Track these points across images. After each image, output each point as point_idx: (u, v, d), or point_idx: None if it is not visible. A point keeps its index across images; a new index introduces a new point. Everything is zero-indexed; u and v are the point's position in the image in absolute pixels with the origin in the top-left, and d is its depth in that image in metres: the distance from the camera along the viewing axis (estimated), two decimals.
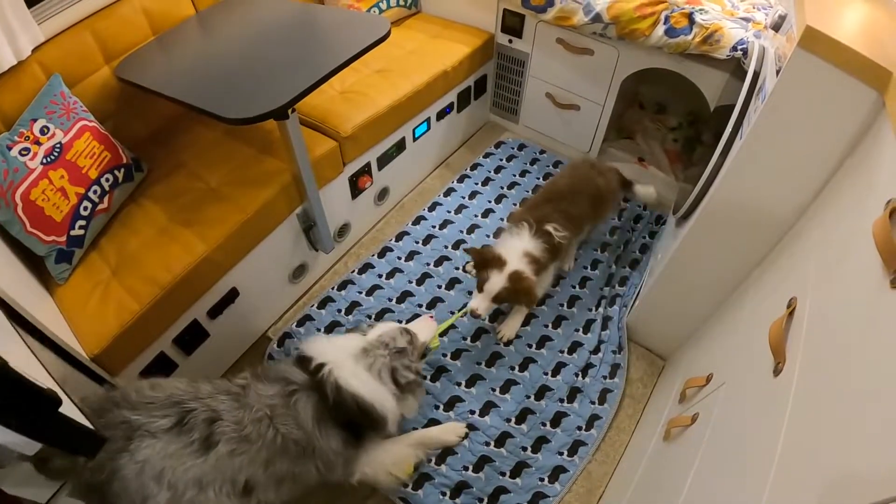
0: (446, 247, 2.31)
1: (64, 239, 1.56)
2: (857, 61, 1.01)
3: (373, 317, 2.07)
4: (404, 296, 2.15)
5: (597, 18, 2.08)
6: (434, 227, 2.41)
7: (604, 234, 2.37)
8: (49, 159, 1.54)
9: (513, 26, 2.46)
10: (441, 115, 2.51)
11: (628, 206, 2.49)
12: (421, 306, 2.11)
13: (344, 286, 2.19)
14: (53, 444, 0.83)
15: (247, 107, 1.45)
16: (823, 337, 0.85)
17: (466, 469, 1.70)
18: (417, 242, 2.35)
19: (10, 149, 1.48)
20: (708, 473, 1.01)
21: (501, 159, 2.73)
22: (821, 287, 0.94)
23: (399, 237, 2.37)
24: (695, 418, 1.22)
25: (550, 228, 1.85)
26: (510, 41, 2.53)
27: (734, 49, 1.83)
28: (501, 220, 2.42)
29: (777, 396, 0.87)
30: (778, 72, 1.18)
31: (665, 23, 1.96)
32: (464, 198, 2.54)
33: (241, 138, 2.00)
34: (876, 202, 0.83)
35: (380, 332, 1.57)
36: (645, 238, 2.38)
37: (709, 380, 1.28)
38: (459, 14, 2.63)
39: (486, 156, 2.75)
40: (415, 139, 2.42)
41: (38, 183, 1.50)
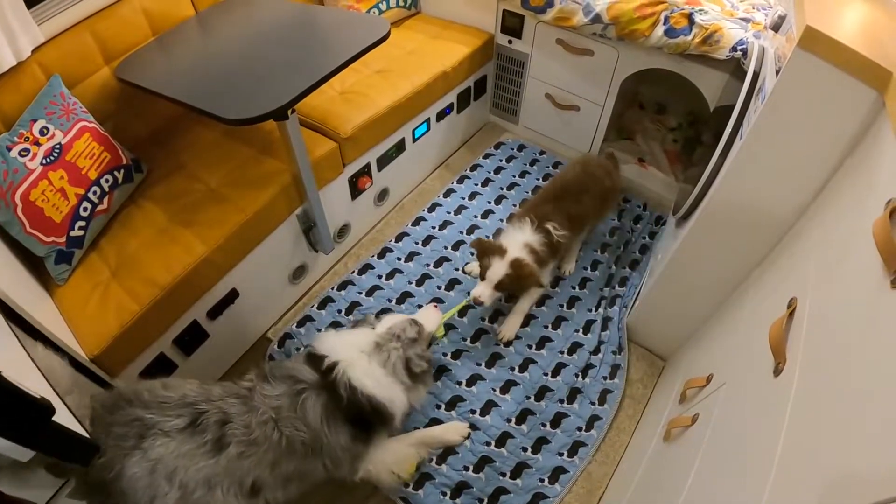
0: (446, 247, 2.31)
1: (63, 240, 1.56)
2: (857, 61, 1.01)
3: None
4: (404, 296, 2.15)
5: (596, 19, 2.08)
6: (434, 227, 2.41)
7: (604, 234, 2.37)
8: (49, 160, 1.54)
9: (512, 27, 2.46)
10: (441, 115, 2.51)
11: (628, 207, 2.49)
12: (421, 307, 2.09)
13: (344, 287, 2.19)
14: (46, 452, 0.83)
15: (247, 107, 1.45)
16: (824, 337, 0.85)
17: (467, 469, 1.70)
18: (417, 243, 2.35)
19: (9, 149, 1.48)
20: (708, 474, 1.01)
21: (501, 160, 2.73)
22: (821, 287, 0.94)
23: (399, 238, 2.37)
24: (695, 419, 1.22)
25: (550, 227, 1.88)
26: (510, 42, 2.53)
27: (734, 49, 1.83)
28: (501, 220, 2.42)
29: (777, 397, 0.87)
30: (778, 72, 1.18)
31: (665, 23, 1.96)
32: (463, 199, 2.54)
33: (240, 139, 2.00)
34: (876, 202, 0.83)
35: (390, 325, 1.59)
36: (645, 239, 2.38)
37: (709, 380, 1.28)
38: (459, 15, 2.63)
39: (486, 157, 2.75)
40: (414, 140, 2.42)
41: (37, 184, 1.50)
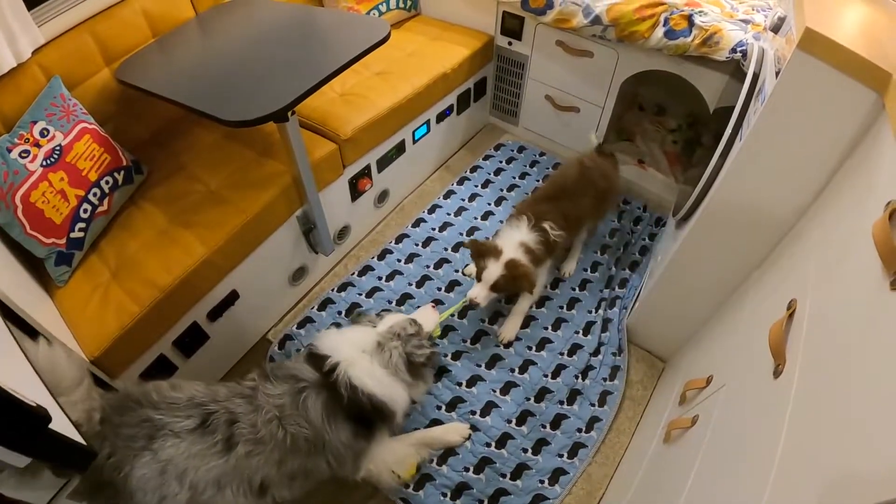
0: (446, 249, 2.31)
1: (64, 241, 1.56)
2: (857, 63, 1.01)
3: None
4: (404, 298, 2.15)
5: (596, 21, 2.09)
6: (434, 229, 2.41)
7: (604, 236, 2.37)
8: (49, 161, 1.54)
9: (512, 28, 2.46)
10: (441, 117, 2.51)
11: (628, 209, 2.49)
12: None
13: (344, 288, 2.19)
14: (42, 459, 0.83)
15: (247, 109, 1.45)
16: (823, 338, 0.85)
17: (467, 470, 1.70)
18: (417, 245, 2.35)
19: (9, 151, 1.48)
20: (708, 475, 1.01)
21: (501, 161, 2.73)
22: (821, 288, 0.94)
23: (399, 239, 2.37)
24: (695, 420, 1.22)
25: (547, 226, 1.88)
26: (510, 43, 2.53)
27: (733, 51, 1.84)
28: (501, 222, 2.42)
29: (777, 398, 0.87)
30: (777, 73, 1.18)
31: (664, 25, 1.96)
32: (463, 200, 2.54)
33: (240, 141, 2.00)
34: (876, 203, 0.83)
35: (391, 324, 1.60)
36: (645, 240, 2.38)
37: (709, 382, 1.28)
38: (459, 16, 2.63)
39: (486, 158, 2.75)
40: (414, 141, 2.42)
41: (37, 185, 1.50)
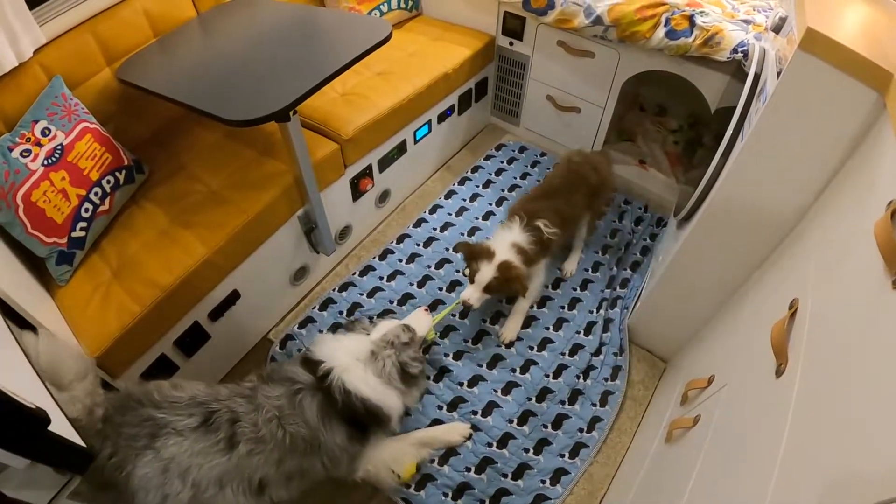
0: (447, 249, 2.31)
1: (65, 241, 1.56)
2: (858, 63, 1.01)
3: (374, 319, 2.06)
4: (405, 298, 2.15)
5: (598, 21, 2.09)
6: (435, 229, 2.41)
7: (605, 236, 2.37)
8: (50, 161, 1.54)
9: (514, 29, 2.46)
10: (442, 117, 2.51)
11: (629, 209, 2.48)
12: (429, 308, 2.09)
13: (345, 288, 2.19)
14: (41, 461, 0.83)
15: (248, 109, 1.45)
16: (825, 338, 0.85)
17: (469, 470, 1.69)
18: (418, 245, 2.35)
19: (11, 150, 1.48)
20: (710, 475, 1.01)
21: (502, 162, 2.73)
22: (822, 288, 0.94)
23: (400, 239, 2.37)
24: (696, 420, 1.22)
25: (540, 224, 1.87)
26: (511, 44, 2.53)
27: (735, 51, 1.84)
28: (502, 222, 2.42)
29: (779, 398, 0.87)
30: (779, 74, 1.18)
31: (666, 25, 1.96)
32: (465, 200, 2.54)
33: (242, 140, 2.00)
34: (877, 203, 0.83)
35: (384, 332, 1.61)
36: (646, 240, 2.38)
37: (710, 381, 1.28)
38: (460, 16, 2.64)
39: (487, 158, 2.75)
40: (416, 142, 2.42)
41: (39, 184, 1.50)
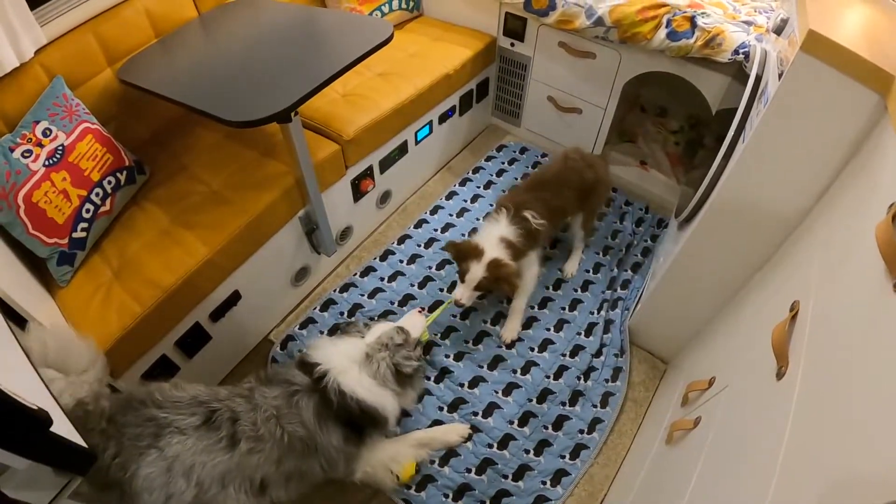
0: None
1: (66, 241, 1.56)
2: (860, 65, 1.01)
3: (375, 319, 2.07)
4: (406, 299, 2.15)
5: (599, 22, 2.09)
6: (436, 230, 2.41)
7: (605, 237, 2.37)
8: (51, 161, 1.54)
9: (515, 30, 2.46)
10: (443, 118, 2.51)
11: (630, 210, 2.48)
12: (423, 309, 2.09)
13: (346, 289, 2.19)
14: (43, 461, 0.83)
15: (250, 110, 1.46)
16: (826, 340, 0.84)
17: (469, 471, 1.69)
18: (419, 245, 2.35)
19: (12, 151, 1.48)
20: (711, 477, 1.01)
21: (503, 162, 2.73)
22: (823, 290, 0.94)
23: (401, 240, 2.37)
24: (697, 422, 1.22)
25: (528, 215, 1.86)
26: (512, 45, 2.53)
27: (736, 52, 1.83)
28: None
29: (780, 400, 0.87)
30: (780, 75, 1.18)
31: (667, 26, 1.96)
32: (466, 201, 2.54)
33: (243, 141, 2.00)
34: (878, 205, 0.83)
35: (378, 335, 1.62)
36: (647, 241, 2.38)
37: (711, 383, 1.28)
38: (461, 17, 2.64)
39: (488, 159, 2.75)
40: (417, 142, 2.42)
41: (40, 185, 1.50)
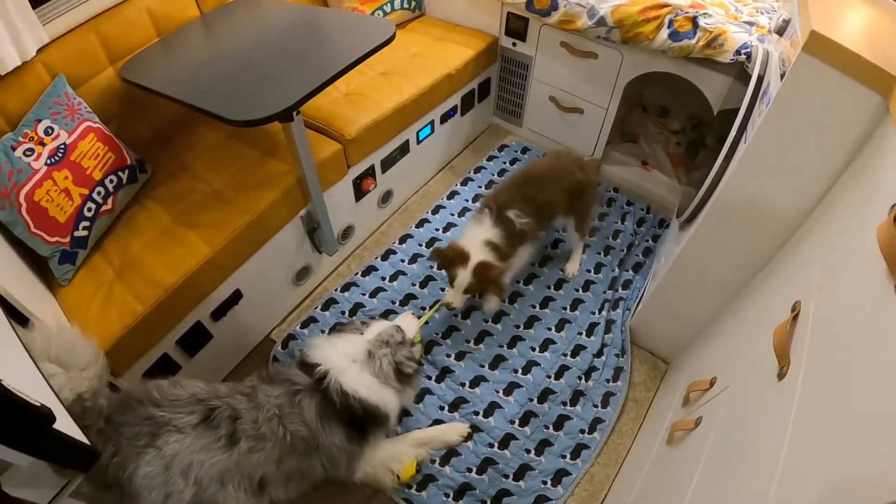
0: None
1: (68, 240, 1.56)
2: (862, 66, 1.01)
3: (373, 317, 2.06)
4: (407, 298, 2.15)
5: (601, 22, 2.08)
6: (437, 229, 2.41)
7: (607, 237, 2.37)
8: (53, 160, 1.54)
9: (517, 29, 2.46)
10: (445, 118, 2.51)
11: (631, 210, 2.48)
12: (424, 309, 2.10)
13: (347, 288, 2.19)
14: (46, 459, 0.83)
15: (252, 109, 1.46)
16: (828, 341, 0.84)
17: (470, 471, 1.69)
18: (421, 245, 2.35)
19: (14, 149, 1.48)
20: (712, 477, 1.01)
21: (505, 162, 2.73)
22: (825, 291, 0.94)
23: (402, 240, 2.37)
24: (698, 422, 1.22)
25: (511, 215, 1.84)
26: (514, 44, 2.53)
27: (738, 53, 1.83)
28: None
29: (781, 400, 0.87)
30: (782, 76, 1.18)
31: (669, 26, 1.96)
32: (467, 201, 2.54)
33: (245, 140, 2.00)
34: (880, 206, 0.83)
35: (378, 331, 1.61)
36: (648, 241, 2.38)
37: (712, 383, 1.28)
38: (463, 17, 2.64)
39: (490, 159, 2.75)
40: (419, 142, 2.42)
41: (42, 184, 1.50)
